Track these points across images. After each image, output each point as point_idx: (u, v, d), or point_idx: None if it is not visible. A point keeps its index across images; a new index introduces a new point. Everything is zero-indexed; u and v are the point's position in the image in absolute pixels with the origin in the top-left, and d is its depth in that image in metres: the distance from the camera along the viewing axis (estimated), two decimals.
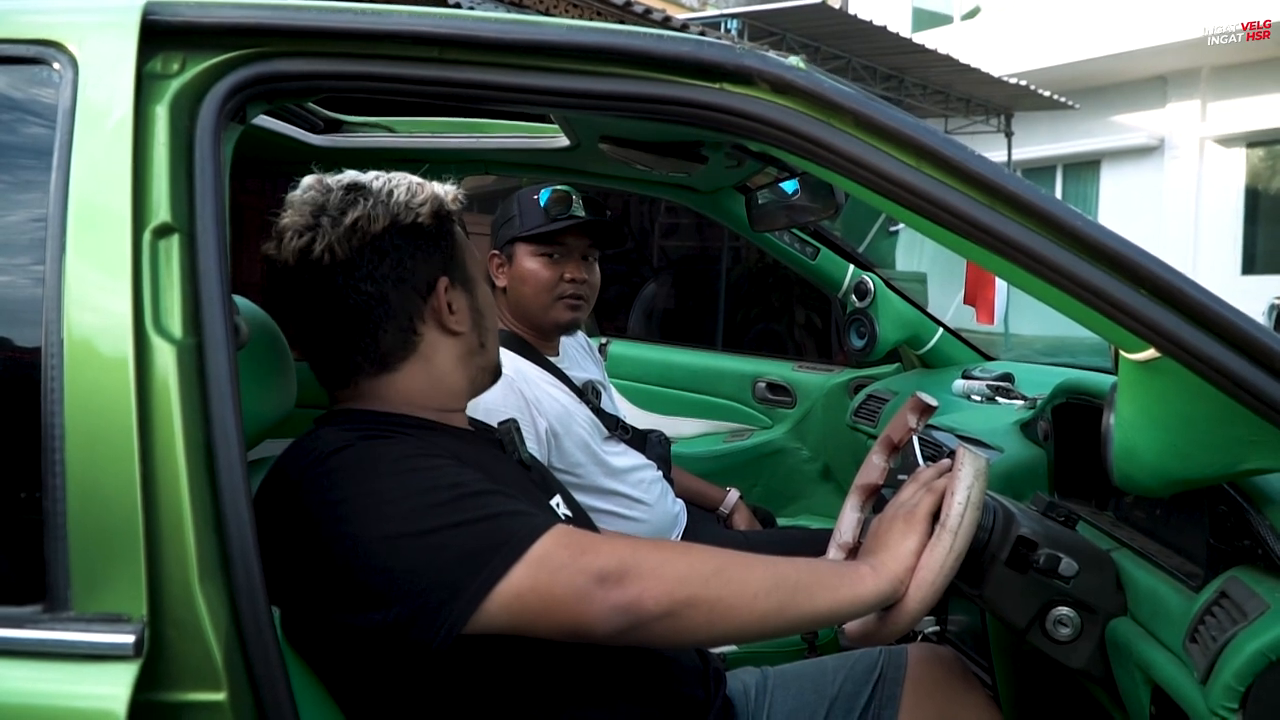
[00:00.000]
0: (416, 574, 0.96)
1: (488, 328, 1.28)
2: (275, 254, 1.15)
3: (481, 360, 1.27)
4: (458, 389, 1.25)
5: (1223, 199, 13.78)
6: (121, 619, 0.86)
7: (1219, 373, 0.95)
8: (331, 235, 1.13)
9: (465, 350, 1.24)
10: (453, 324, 1.21)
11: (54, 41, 0.96)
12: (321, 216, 1.14)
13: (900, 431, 1.35)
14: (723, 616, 1.00)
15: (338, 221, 1.13)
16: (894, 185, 1.00)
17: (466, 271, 1.25)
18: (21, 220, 0.94)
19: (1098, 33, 13.43)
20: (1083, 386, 1.52)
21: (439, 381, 1.22)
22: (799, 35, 10.42)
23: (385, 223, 1.15)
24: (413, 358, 1.19)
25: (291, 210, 1.16)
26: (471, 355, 1.25)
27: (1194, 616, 1.06)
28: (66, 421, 0.88)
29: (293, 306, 1.18)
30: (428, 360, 1.20)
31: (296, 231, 1.14)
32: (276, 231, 1.16)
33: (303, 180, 1.19)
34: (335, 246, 1.13)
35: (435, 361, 1.21)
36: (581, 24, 1.03)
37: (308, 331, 1.19)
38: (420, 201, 1.18)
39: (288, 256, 1.14)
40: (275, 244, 1.15)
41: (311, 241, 1.13)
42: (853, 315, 2.65)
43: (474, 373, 1.26)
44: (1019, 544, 1.17)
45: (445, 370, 1.22)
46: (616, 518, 1.98)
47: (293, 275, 1.15)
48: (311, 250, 1.13)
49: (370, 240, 1.14)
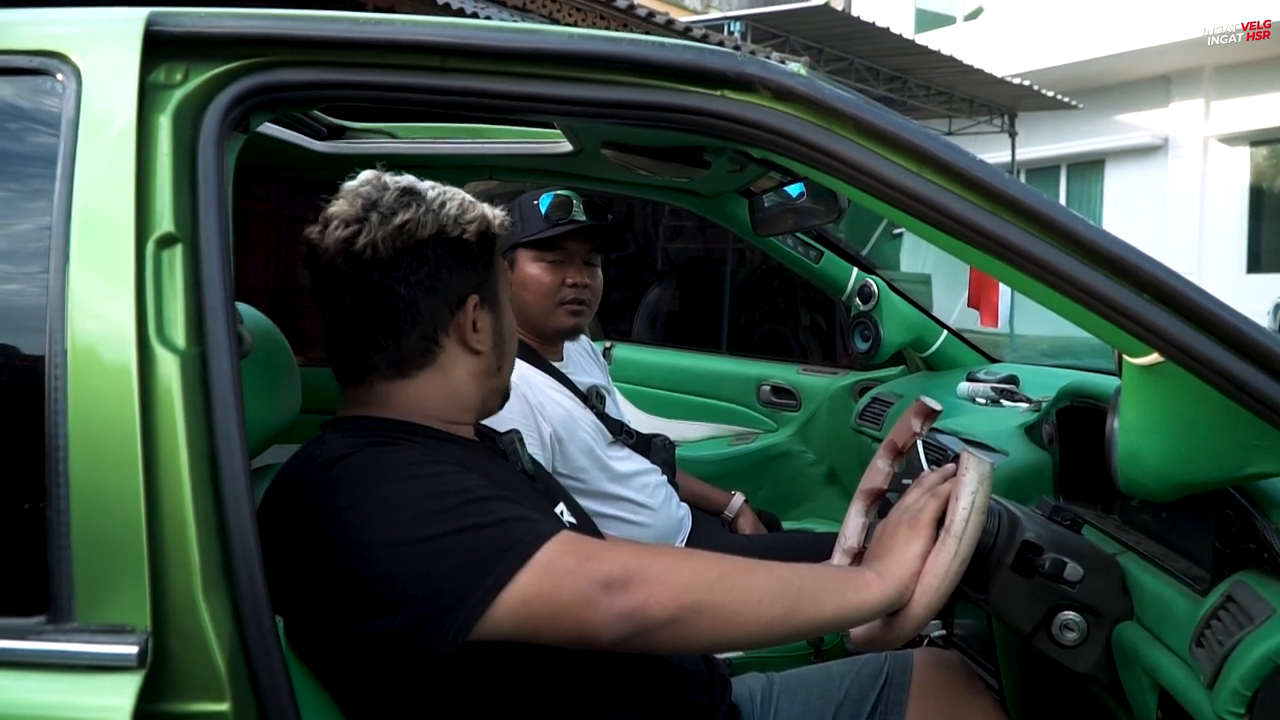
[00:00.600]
0: (421, 580, 0.96)
1: (506, 353, 1.29)
2: (318, 240, 1.15)
3: (495, 382, 1.28)
4: (468, 405, 1.25)
5: (1227, 198, 13.77)
6: (125, 630, 0.86)
7: (1223, 377, 0.94)
8: (378, 232, 1.13)
9: (482, 369, 1.24)
10: (474, 342, 1.21)
11: (57, 52, 0.96)
12: (372, 212, 1.14)
13: (904, 436, 1.35)
14: (727, 622, 0.99)
15: (387, 220, 1.14)
16: (896, 191, 1.00)
17: (498, 295, 1.26)
18: (25, 230, 0.94)
19: (1101, 32, 13.43)
20: (1087, 389, 1.51)
21: (451, 395, 1.22)
22: (802, 37, 10.43)
23: (432, 231, 1.16)
24: (430, 367, 1.19)
25: (343, 199, 1.16)
26: (487, 375, 1.25)
27: (1200, 621, 1.05)
28: (70, 431, 0.88)
29: (324, 295, 1.19)
30: (444, 372, 1.20)
31: (344, 221, 1.14)
32: (323, 217, 1.16)
33: (362, 173, 1.19)
34: (379, 243, 1.13)
35: (451, 375, 1.21)
36: (583, 32, 1.03)
37: (334, 322, 1.19)
38: (470, 219, 1.19)
39: (330, 244, 1.14)
40: (320, 229, 1.15)
41: (357, 234, 1.13)
42: (857, 318, 2.65)
43: (486, 393, 1.27)
44: (1024, 548, 1.17)
45: (459, 384, 1.22)
46: (621, 522, 1.98)
47: (331, 264, 1.15)
48: (355, 242, 1.13)
49: (414, 245, 1.15)
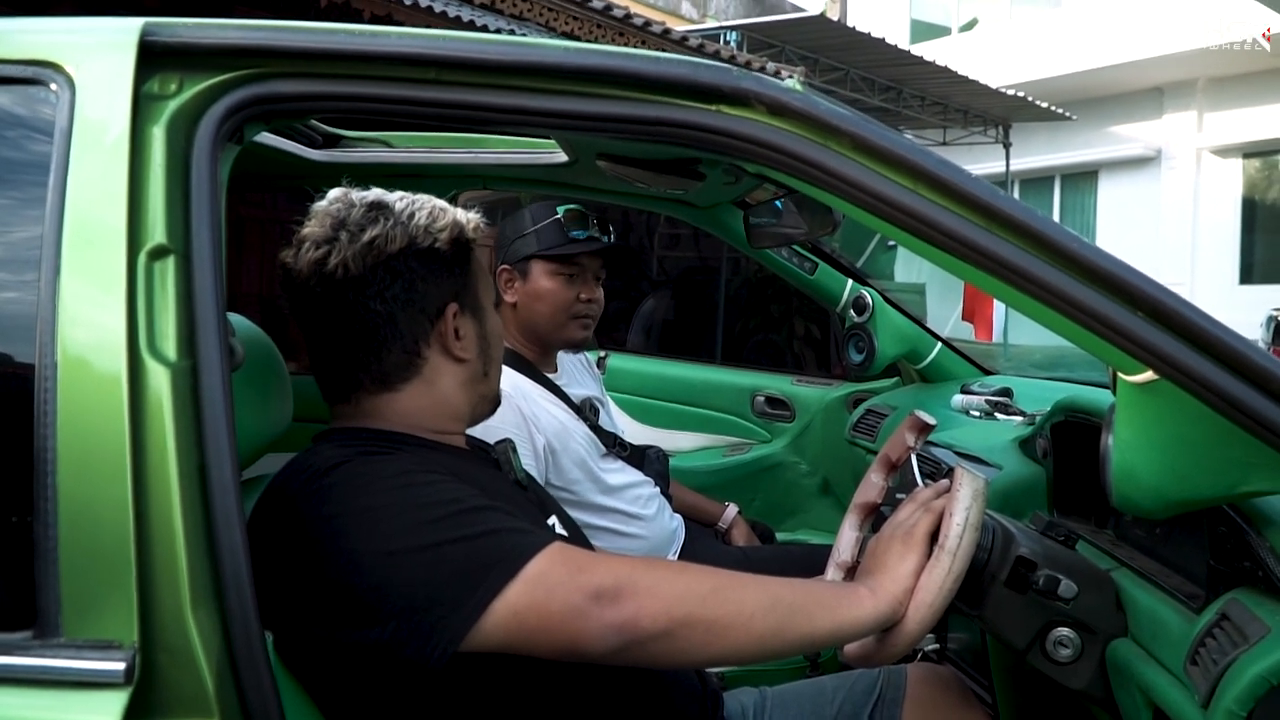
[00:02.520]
0: (412, 590, 0.96)
1: (493, 357, 1.28)
2: (291, 263, 1.15)
3: (484, 388, 1.27)
4: (458, 413, 1.24)
5: (1220, 209, 13.83)
6: (113, 645, 0.85)
7: (1217, 395, 0.94)
8: (348, 250, 1.13)
9: (468, 376, 1.24)
10: (458, 350, 1.21)
11: (51, 62, 0.96)
12: (341, 230, 1.14)
13: (898, 450, 1.35)
14: (719, 637, 0.99)
15: (355, 237, 1.13)
16: (890, 207, 1.00)
17: (479, 300, 1.25)
18: (17, 239, 0.93)
19: (1094, 44, 13.49)
20: (1081, 404, 1.51)
21: (439, 404, 1.21)
22: (798, 47, 10.46)
23: (402, 244, 1.15)
24: (415, 379, 1.19)
25: (314, 220, 1.16)
26: (474, 382, 1.25)
27: (1194, 639, 1.05)
28: (59, 443, 0.87)
29: (302, 316, 1.18)
30: (430, 383, 1.20)
31: (315, 243, 1.14)
32: (296, 240, 1.16)
33: (330, 192, 1.19)
34: (350, 262, 1.13)
35: (437, 384, 1.20)
36: (578, 46, 1.03)
37: (314, 342, 1.19)
38: (440, 227, 1.18)
39: (303, 266, 1.14)
40: (293, 252, 1.15)
41: (328, 255, 1.13)
42: (851, 330, 2.65)
43: (475, 399, 1.26)
44: (1018, 564, 1.16)
45: (446, 394, 1.22)
46: (614, 534, 1.98)
47: (306, 285, 1.15)
48: (326, 263, 1.13)
49: (385, 260, 1.14)
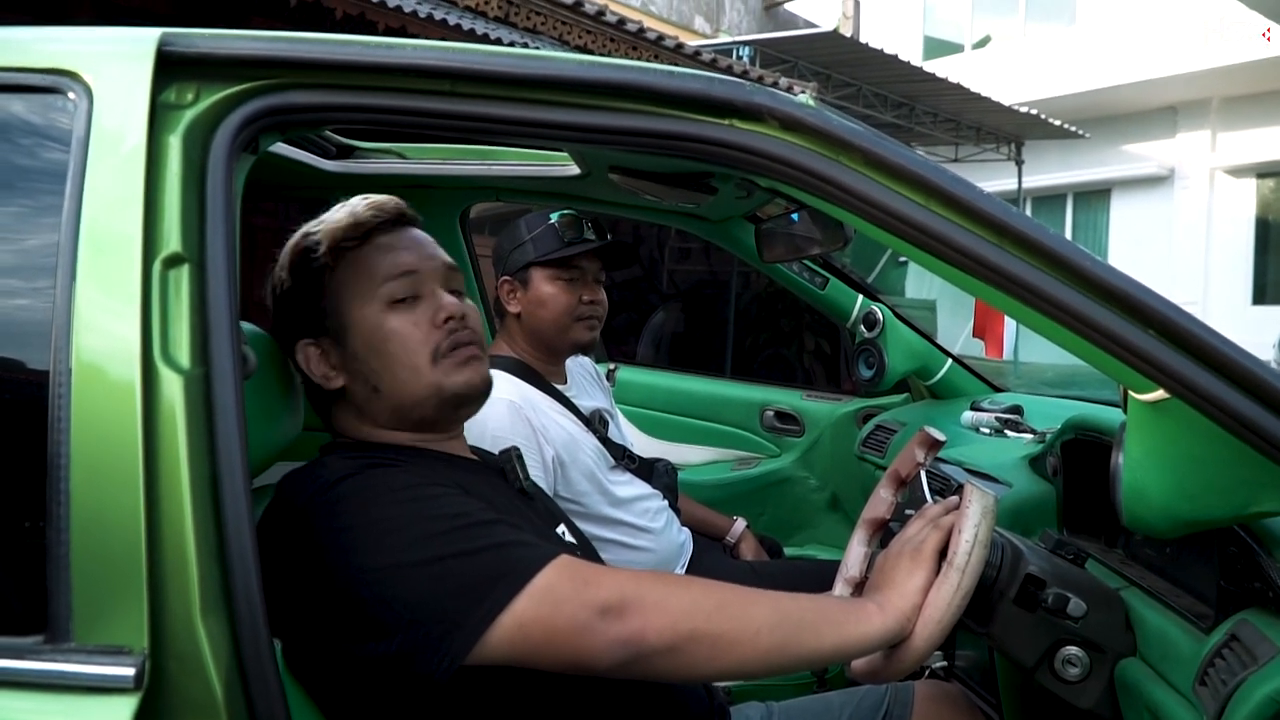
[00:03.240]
0: (419, 604, 0.96)
1: (375, 368, 1.17)
2: None
3: (392, 401, 1.18)
4: (408, 424, 1.20)
5: (1233, 229, 13.78)
6: (123, 651, 0.85)
7: (1229, 415, 0.94)
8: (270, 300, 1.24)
9: (363, 399, 1.19)
10: (329, 385, 1.20)
11: (70, 71, 0.96)
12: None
13: (908, 466, 1.34)
14: (725, 652, 0.99)
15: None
16: (903, 223, 1.00)
17: (337, 319, 1.18)
18: (33, 246, 0.94)
19: (1108, 63, 13.48)
20: (1092, 423, 1.51)
21: (383, 424, 1.20)
22: (810, 63, 10.47)
23: (273, 294, 1.23)
24: (347, 404, 1.21)
25: None
26: (369, 402, 1.18)
27: (1204, 659, 1.05)
28: (72, 450, 0.87)
29: None
30: (358, 410, 1.21)
31: None
32: None
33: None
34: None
35: (365, 410, 1.20)
36: (592, 59, 1.03)
37: None
38: (283, 265, 1.22)
39: None
40: None
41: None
42: (862, 345, 2.65)
43: (393, 415, 1.19)
44: (1027, 582, 1.16)
45: (373, 415, 1.20)
46: (622, 547, 1.97)
47: None
48: None
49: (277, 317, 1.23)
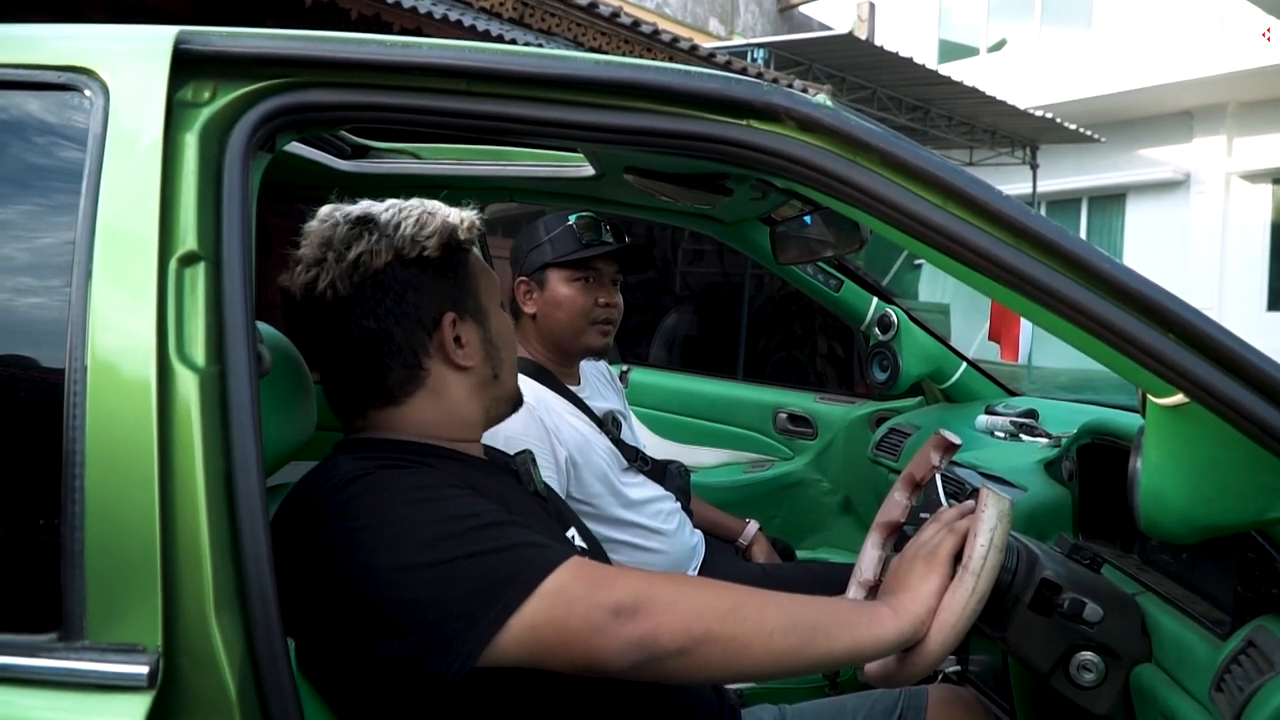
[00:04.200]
0: (431, 605, 0.96)
1: (503, 359, 1.25)
2: (288, 284, 1.16)
3: (496, 391, 1.25)
4: (471, 420, 1.23)
5: (1248, 234, 13.70)
6: (136, 649, 0.86)
7: (1248, 419, 0.94)
8: (335, 271, 1.13)
9: (477, 383, 1.22)
10: (460, 359, 1.19)
11: (86, 69, 0.97)
12: (329, 251, 1.14)
13: (923, 469, 1.33)
14: (738, 654, 0.98)
15: (341, 256, 1.13)
16: (920, 224, 0.99)
17: (479, 302, 1.23)
18: (49, 244, 0.94)
19: (1124, 67, 13.42)
20: (1109, 427, 1.50)
21: (450, 413, 1.20)
22: (825, 66, 10.46)
23: (388, 257, 1.14)
24: (421, 391, 1.18)
25: (306, 242, 1.16)
26: (484, 387, 1.23)
27: (1220, 665, 1.04)
28: (88, 448, 0.88)
29: (301, 338, 1.20)
30: (437, 394, 1.19)
31: (305, 265, 1.14)
32: (292, 261, 1.16)
33: (320, 210, 1.19)
34: (338, 283, 1.12)
35: (445, 394, 1.19)
36: (609, 59, 1.03)
37: (318, 363, 1.20)
38: (428, 234, 1.16)
39: (296, 290, 1.15)
40: (289, 275, 1.16)
41: (317, 277, 1.13)
42: (876, 348, 2.64)
43: (488, 404, 1.24)
44: (1043, 587, 1.15)
45: (457, 402, 1.21)
46: (634, 549, 1.97)
47: (301, 308, 1.16)
48: (316, 285, 1.13)
49: (372, 275, 1.13)
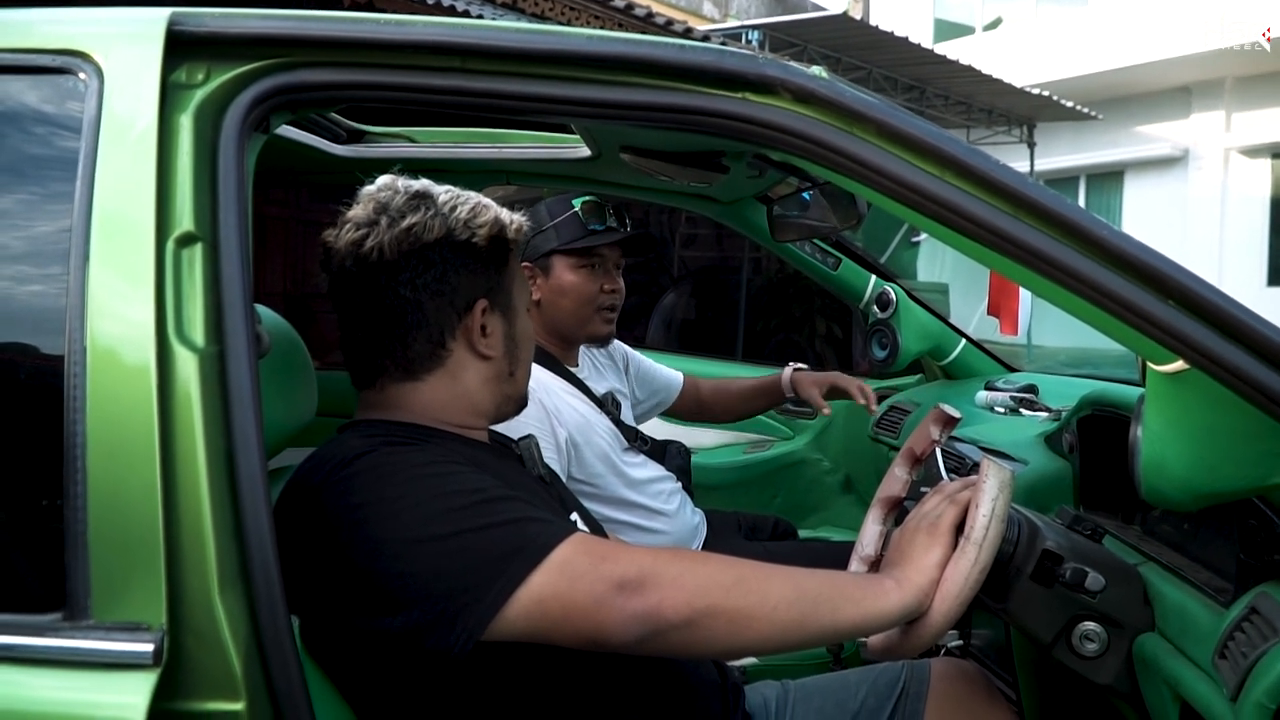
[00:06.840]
0: (436, 578, 0.96)
1: (520, 359, 1.28)
2: (332, 241, 1.18)
3: (509, 389, 1.27)
4: (481, 408, 1.24)
5: (1248, 210, 13.66)
6: (141, 628, 0.86)
7: (1249, 385, 0.93)
8: (386, 235, 1.15)
9: (494, 374, 1.24)
10: (482, 347, 1.21)
11: (80, 51, 0.96)
12: (382, 215, 1.16)
13: (923, 443, 1.34)
14: (743, 627, 0.99)
15: (395, 223, 1.15)
16: (917, 195, 0.99)
17: (511, 300, 1.26)
18: (46, 229, 0.94)
19: (1120, 43, 13.36)
20: (1108, 398, 1.50)
21: (462, 398, 1.21)
22: (820, 46, 10.41)
23: (439, 234, 1.16)
24: (439, 371, 1.19)
25: (359, 203, 1.18)
26: (499, 380, 1.25)
27: (1223, 632, 1.04)
28: (89, 429, 0.88)
29: (335, 295, 1.20)
30: (453, 376, 1.20)
31: (356, 224, 1.16)
32: (340, 220, 1.18)
33: (380, 178, 1.21)
34: (386, 246, 1.14)
35: (461, 379, 1.21)
36: (603, 34, 1.03)
37: (345, 323, 1.21)
38: (480, 223, 1.19)
39: (341, 246, 1.16)
40: (335, 232, 1.18)
41: (365, 236, 1.15)
42: (875, 326, 2.64)
43: (500, 399, 1.26)
44: (1044, 558, 1.16)
45: (471, 388, 1.22)
46: (635, 529, 1.98)
47: (342, 265, 1.17)
48: (363, 245, 1.15)
49: (420, 248, 1.16)
